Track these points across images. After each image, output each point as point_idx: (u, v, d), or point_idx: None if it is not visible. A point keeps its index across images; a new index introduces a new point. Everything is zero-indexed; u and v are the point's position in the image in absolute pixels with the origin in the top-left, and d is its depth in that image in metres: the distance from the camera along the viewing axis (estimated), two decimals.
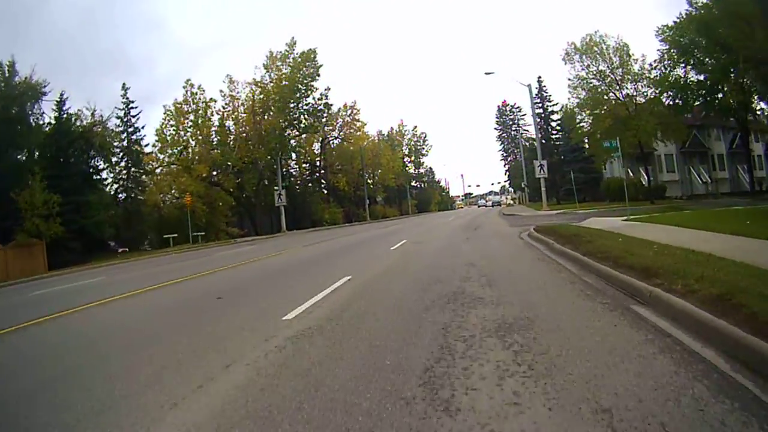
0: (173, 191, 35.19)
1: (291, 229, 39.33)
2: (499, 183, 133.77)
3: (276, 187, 37.45)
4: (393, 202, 70.40)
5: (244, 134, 39.72)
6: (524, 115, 73.16)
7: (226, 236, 35.49)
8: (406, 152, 67.62)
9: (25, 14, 61.03)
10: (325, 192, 51.35)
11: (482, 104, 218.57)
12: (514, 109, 73.18)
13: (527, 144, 52.26)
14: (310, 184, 51.22)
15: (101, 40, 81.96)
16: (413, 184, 78.12)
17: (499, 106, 74.71)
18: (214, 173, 37.86)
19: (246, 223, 41.05)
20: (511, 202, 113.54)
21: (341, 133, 51.01)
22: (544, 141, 40.10)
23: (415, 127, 68.34)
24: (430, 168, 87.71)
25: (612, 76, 30.09)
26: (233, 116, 40.12)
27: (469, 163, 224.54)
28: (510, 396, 2.48)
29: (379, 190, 54.92)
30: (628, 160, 37.87)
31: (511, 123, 73.42)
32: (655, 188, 34.77)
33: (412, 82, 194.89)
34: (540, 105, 41.69)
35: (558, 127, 41.53)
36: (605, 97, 30.05)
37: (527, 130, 70.72)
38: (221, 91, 39.00)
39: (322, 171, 51.46)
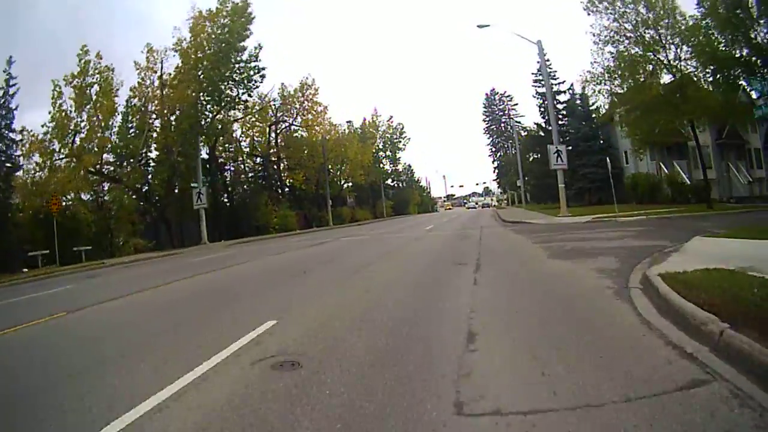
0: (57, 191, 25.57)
1: (223, 238, 30.29)
2: (484, 183, 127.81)
3: (194, 184, 28.32)
4: (365, 203, 61.87)
5: (155, 115, 30.44)
6: (516, 104, 66.03)
7: (132, 250, 26.30)
8: (380, 146, 59.12)
9: None
10: (279, 192, 42.27)
11: (466, 102, 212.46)
12: (504, 98, 66.04)
13: (523, 133, 44.45)
14: (261, 182, 42.06)
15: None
16: (389, 182, 69.69)
17: (487, 94, 67.38)
18: (110, 165, 28.45)
19: (161, 231, 31.63)
20: (499, 203, 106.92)
21: (298, 119, 42.04)
22: (549, 127, 32.26)
23: (391, 117, 59.82)
24: (409, 166, 79.51)
25: (653, 32, 22.14)
26: (151, 93, 30.72)
27: (451, 163, 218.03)
28: None
29: (347, 189, 46.08)
30: (658, 152, 30.35)
31: (501, 113, 66.13)
32: (697, 188, 27.15)
33: (388, 76, 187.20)
34: (542, 83, 33.84)
35: (564, 112, 33.58)
36: (644, 58, 22.04)
37: (519, 122, 63.45)
38: (135, 62, 29.61)
39: (275, 166, 42.36)
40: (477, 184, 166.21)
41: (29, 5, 58.11)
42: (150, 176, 30.23)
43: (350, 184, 57.35)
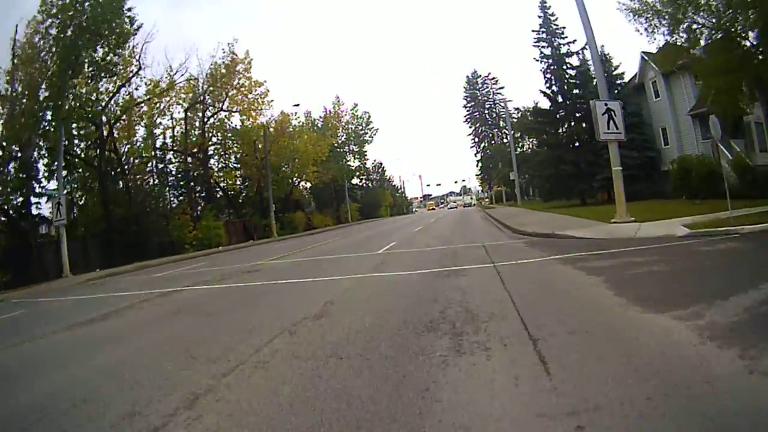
0: None
1: (115, 263, 21.33)
2: (463, 181, 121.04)
3: (50, 189, 19.35)
4: (328, 206, 53.23)
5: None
6: (502, 87, 58.36)
7: None
8: (344, 139, 50.53)
9: None
10: (208, 197, 33.20)
11: (442, 95, 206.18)
12: (488, 80, 58.52)
13: (515, 117, 36.72)
14: (179, 185, 32.83)
15: None
16: (356, 181, 61.18)
17: (468, 76, 59.63)
18: None
19: (16, 257, 22.07)
20: (480, 201, 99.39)
21: (233, 104, 33.04)
22: (560, 98, 24.49)
23: (356, 105, 51.20)
24: (380, 164, 71.16)
25: None
26: None
27: (427, 162, 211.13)
28: None
29: (297, 191, 37.09)
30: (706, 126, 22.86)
31: (484, 98, 58.67)
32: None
33: (356, 65, 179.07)
34: (547, 43, 25.99)
35: (576, 81, 25.67)
36: None
37: (504, 107, 55.83)
38: None
39: (203, 165, 33.21)
40: (456, 182, 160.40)
41: None
42: None
43: (308, 184, 48.64)
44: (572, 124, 23.72)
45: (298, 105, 33.30)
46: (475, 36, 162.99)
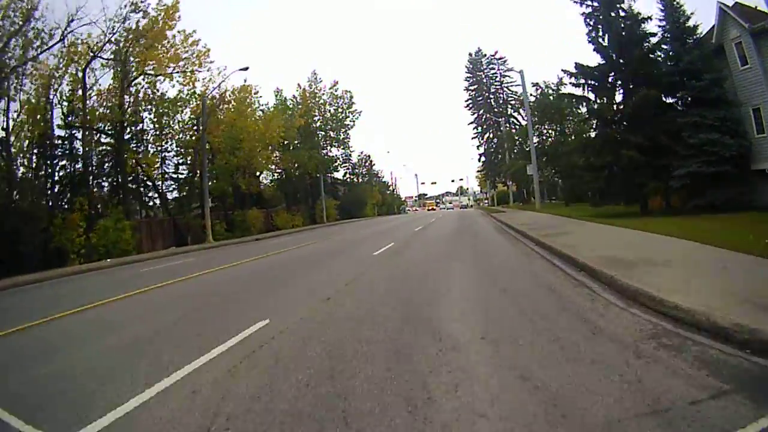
0: None
1: None
2: (460, 179, 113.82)
3: None
4: (302, 202, 45.79)
5: None
6: (510, 69, 50.18)
7: None
8: (319, 122, 42.73)
9: None
10: (120, 188, 25.62)
11: (440, 90, 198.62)
12: (495, 60, 50.81)
13: (535, 92, 29.28)
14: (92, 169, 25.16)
15: None
16: (339, 176, 53.73)
17: (471, 54, 51.61)
18: None
19: None
20: (478, 202, 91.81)
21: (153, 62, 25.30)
22: (614, 56, 16.55)
23: (335, 83, 43.20)
24: (368, 156, 63.44)
25: None
26: None
27: (422, 159, 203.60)
28: None
29: (247, 181, 29.22)
30: None
31: (490, 82, 51.06)
32: None
33: (352, 54, 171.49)
34: None
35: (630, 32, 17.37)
36: None
37: (515, 93, 47.53)
38: None
39: (115, 149, 25.57)
40: (452, 181, 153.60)
41: None
42: None
43: (276, 174, 41.11)
44: (631, 88, 16.05)
45: (246, 68, 25.29)
46: (478, 11, 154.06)
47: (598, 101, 16.64)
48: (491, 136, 50.95)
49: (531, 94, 27.55)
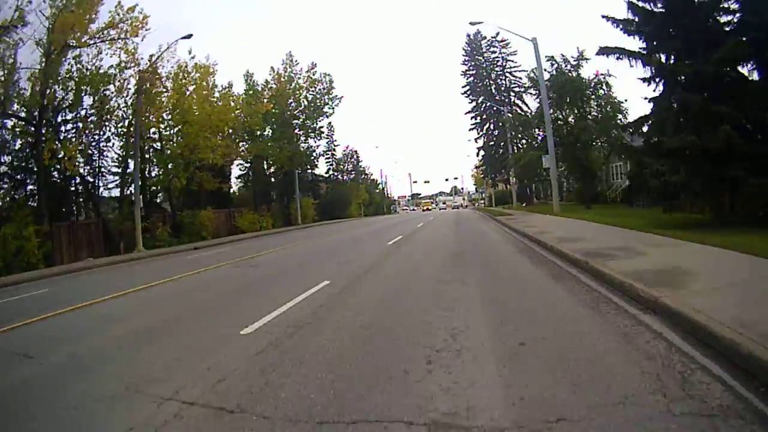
0: None
1: None
2: (455, 179, 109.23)
3: None
4: (276, 200, 40.89)
5: None
6: (514, 52, 44.93)
7: None
8: (293, 110, 37.34)
9: None
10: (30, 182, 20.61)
11: (433, 85, 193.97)
12: (496, 43, 45.79)
13: (551, 67, 24.35)
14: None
15: None
16: (321, 172, 48.66)
17: (469, 35, 46.46)
18: None
19: None
20: (473, 202, 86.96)
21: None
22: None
23: (313, 66, 37.63)
24: (354, 152, 58.32)
25: None
26: None
27: (416, 158, 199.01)
28: None
29: (204, 178, 23.83)
30: None
31: (490, 66, 46.01)
32: None
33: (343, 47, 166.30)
34: None
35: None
36: None
37: (519, 79, 42.32)
38: None
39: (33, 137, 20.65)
40: (446, 179, 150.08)
41: None
42: None
43: (242, 166, 36.10)
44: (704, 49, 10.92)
45: (190, 36, 20.32)
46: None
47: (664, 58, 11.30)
48: (491, 126, 46.04)
49: (546, 70, 22.66)
